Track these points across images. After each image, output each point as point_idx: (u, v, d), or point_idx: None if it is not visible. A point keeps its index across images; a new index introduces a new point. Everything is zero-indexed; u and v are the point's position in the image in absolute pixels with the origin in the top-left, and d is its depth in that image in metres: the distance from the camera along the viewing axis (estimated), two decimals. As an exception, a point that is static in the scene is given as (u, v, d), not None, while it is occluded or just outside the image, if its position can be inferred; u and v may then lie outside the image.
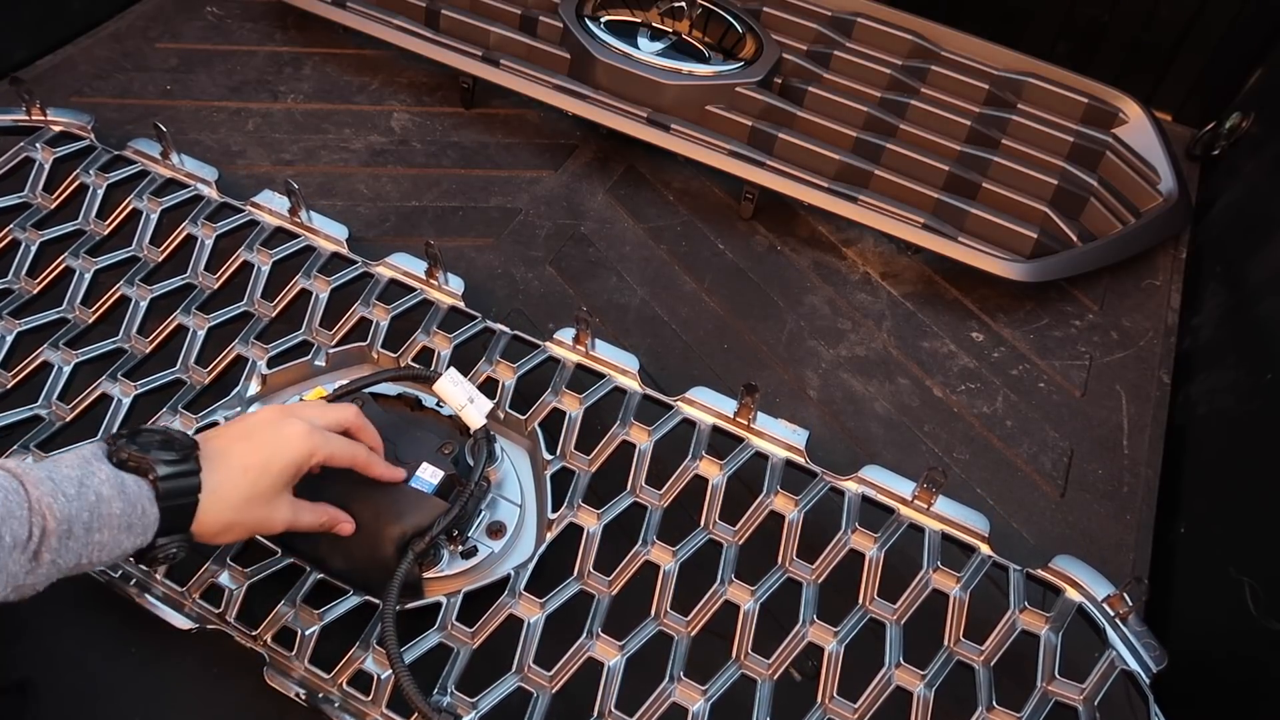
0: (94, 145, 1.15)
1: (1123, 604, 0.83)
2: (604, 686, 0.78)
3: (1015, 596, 0.83)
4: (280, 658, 0.78)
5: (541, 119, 1.36)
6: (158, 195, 1.10)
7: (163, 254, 1.06)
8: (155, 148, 1.15)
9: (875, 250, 1.24)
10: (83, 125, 1.18)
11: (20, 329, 0.98)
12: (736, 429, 0.94)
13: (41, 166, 1.12)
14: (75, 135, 1.16)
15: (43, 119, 1.18)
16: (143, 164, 1.14)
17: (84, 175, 1.11)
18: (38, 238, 1.06)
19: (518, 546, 0.87)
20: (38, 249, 1.05)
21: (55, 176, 1.12)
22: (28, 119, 1.17)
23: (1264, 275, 1.08)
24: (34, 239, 1.06)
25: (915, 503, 0.89)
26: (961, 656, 0.81)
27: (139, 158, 1.15)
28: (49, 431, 0.91)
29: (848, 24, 1.38)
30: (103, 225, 1.08)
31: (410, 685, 0.72)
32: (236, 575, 0.81)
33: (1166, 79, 1.43)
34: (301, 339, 0.99)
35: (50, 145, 1.14)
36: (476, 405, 0.87)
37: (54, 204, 1.10)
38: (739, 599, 0.83)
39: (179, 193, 1.10)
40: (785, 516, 0.88)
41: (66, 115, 1.19)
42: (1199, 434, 1.05)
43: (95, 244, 1.07)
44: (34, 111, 1.17)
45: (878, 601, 0.83)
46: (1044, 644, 0.81)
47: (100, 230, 1.08)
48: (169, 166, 1.14)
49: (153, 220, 1.08)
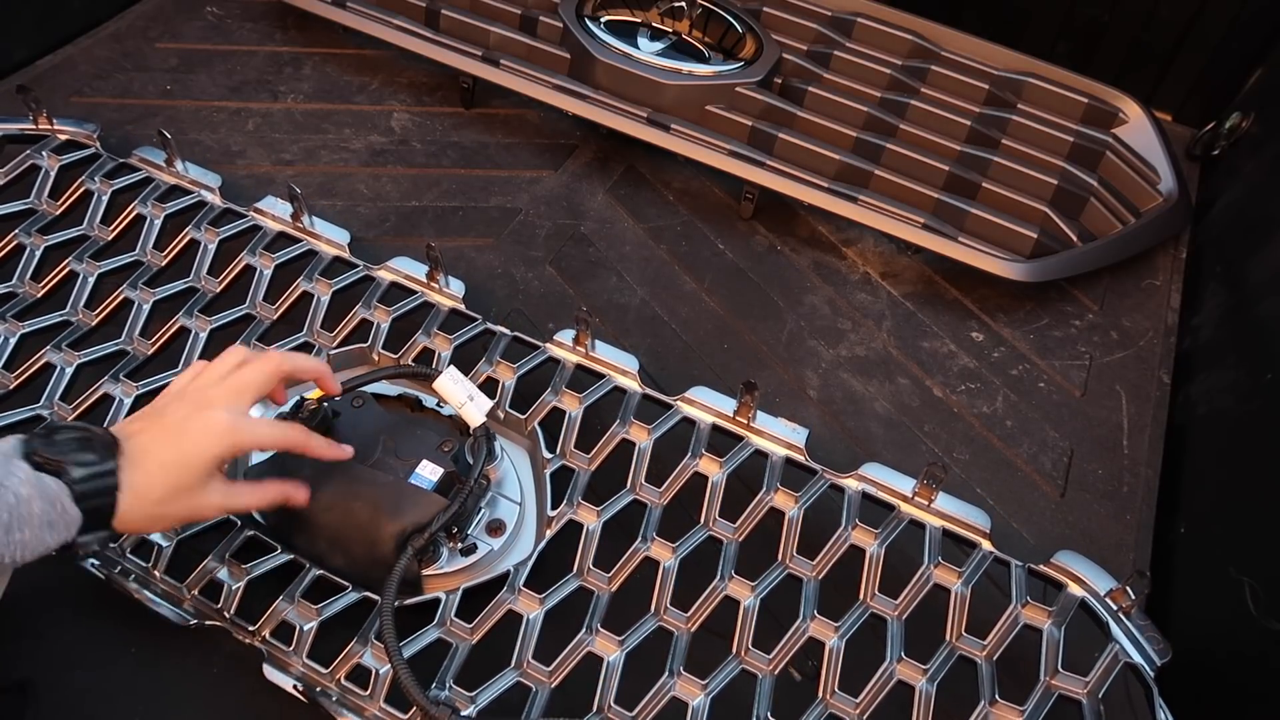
0: (99, 153, 1.16)
1: (1125, 598, 0.82)
2: (604, 681, 0.78)
3: (1017, 591, 0.83)
4: (279, 653, 0.78)
5: (541, 119, 1.37)
6: (161, 201, 1.10)
7: (166, 258, 1.06)
8: (159, 155, 1.16)
9: (875, 250, 1.24)
10: (88, 134, 1.19)
11: (24, 331, 0.98)
12: (736, 428, 0.94)
13: (47, 173, 1.13)
14: (81, 144, 1.17)
15: (49, 128, 1.18)
16: (147, 171, 1.14)
17: (89, 182, 1.12)
18: (42, 243, 1.07)
19: (517, 544, 0.88)
20: (42, 253, 1.06)
21: (61, 183, 1.13)
22: (34, 128, 1.18)
23: (1264, 275, 1.08)
24: (39, 244, 1.06)
25: (916, 499, 0.89)
26: (964, 651, 0.81)
27: (144, 165, 1.15)
28: None
29: (848, 24, 1.38)
30: (107, 230, 1.09)
31: (409, 679, 0.72)
32: (236, 571, 0.81)
33: (1166, 79, 1.44)
34: (303, 340, 1.00)
35: (56, 153, 1.15)
36: (476, 403, 0.87)
37: (59, 210, 1.11)
38: (739, 595, 0.83)
39: (183, 199, 1.11)
40: (785, 513, 0.88)
41: (72, 125, 1.20)
42: (1199, 434, 1.05)
43: (99, 249, 1.07)
44: (40, 120, 1.18)
45: (879, 597, 0.83)
46: (1047, 638, 0.81)
47: (104, 235, 1.09)
48: (173, 173, 1.15)
49: (156, 225, 1.08)
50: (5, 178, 1.12)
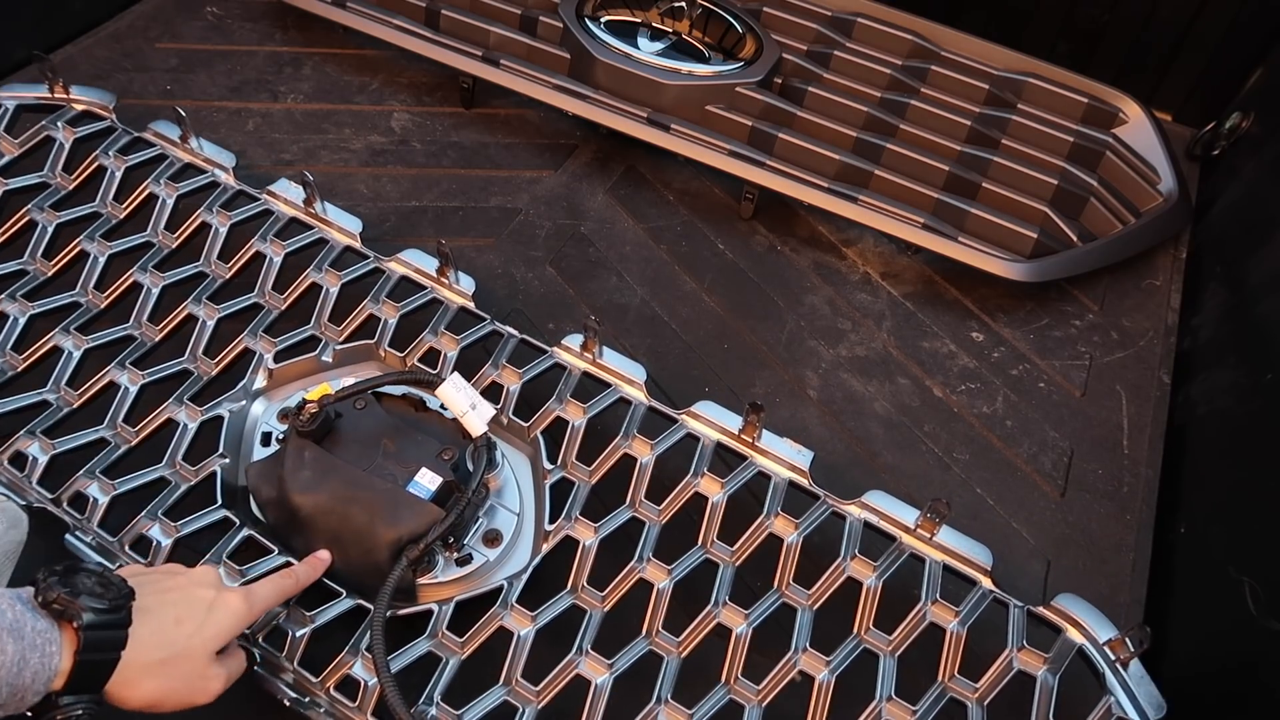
0: (114, 125, 1.16)
1: (1124, 649, 0.80)
2: (590, 704, 0.77)
3: (1014, 634, 0.81)
4: (271, 658, 0.78)
5: (541, 119, 1.36)
6: (175, 180, 1.10)
7: (177, 240, 1.06)
8: (175, 130, 1.15)
9: (875, 250, 1.24)
10: (104, 105, 1.18)
11: (33, 311, 0.99)
12: (741, 446, 0.92)
13: (62, 146, 1.13)
14: (96, 115, 1.17)
15: (65, 97, 1.18)
16: (162, 147, 1.14)
17: (103, 157, 1.12)
18: (55, 219, 1.06)
19: (513, 556, 0.87)
20: (54, 230, 1.06)
21: (75, 157, 1.13)
22: (50, 97, 1.18)
23: (1264, 275, 1.08)
24: (51, 220, 1.06)
25: (918, 532, 0.87)
26: (955, 693, 0.79)
27: (159, 140, 1.15)
28: (56, 417, 0.91)
29: (848, 24, 1.38)
30: (119, 208, 1.09)
31: (394, 695, 0.72)
32: (233, 574, 0.81)
33: (1166, 79, 1.43)
34: (309, 334, 0.99)
35: (71, 125, 1.14)
36: (479, 412, 0.86)
37: (72, 185, 1.11)
38: (732, 622, 0.82)
39: (196, 178, 1.11)
40: (785, 540, 0.86)
41: (89, 94, 1.19)
42: (1199, 434, 1.05)
43: (111, 227, 1.07)
44: (57, 89, 1.17)
45: (873, 632, 0.82)
46: (1040, 685, 0.79)
47: (117, 213, 1.09)
48: (187, 150, 1.14)
49: (169, 205, 1.08)
50: (20, 149, 1.12)
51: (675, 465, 0.90)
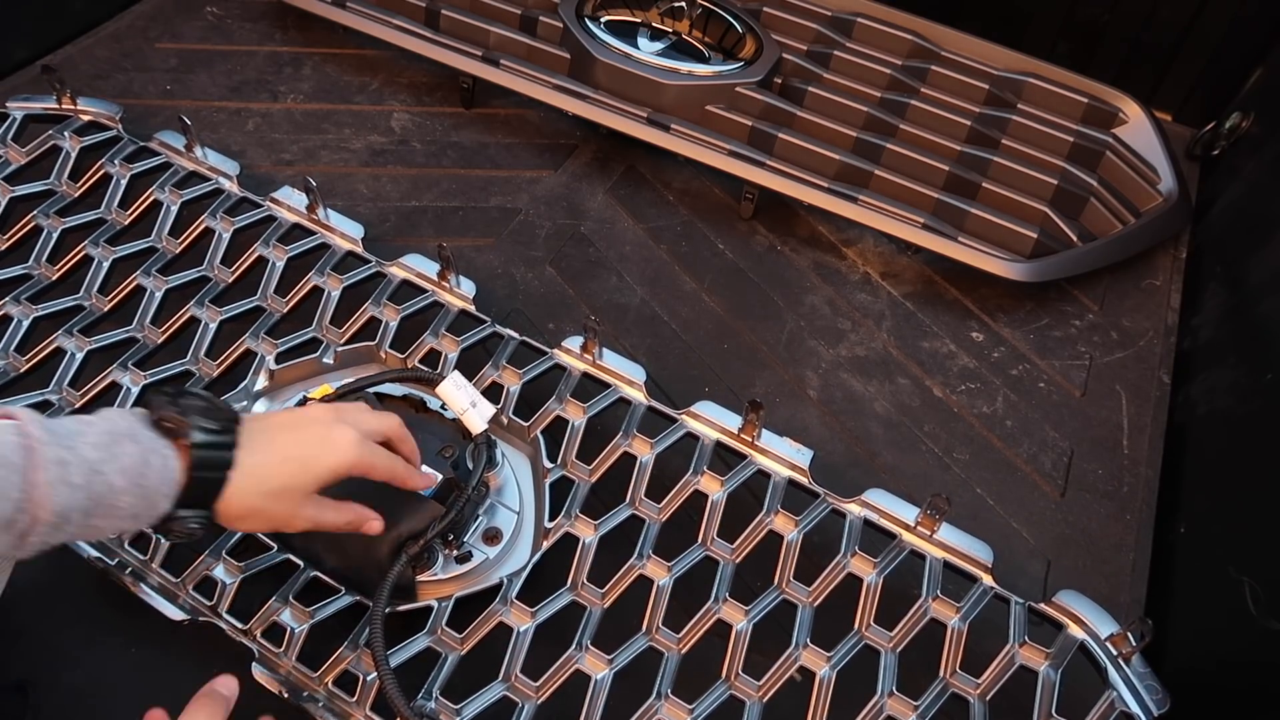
0: (120, 135, 1.17)
1: (1126, 643, 0.80)
2: (590, 700, 0.77)
3: (1015, 630, 0.81)
4: (269, 653, 0.78)
5: (541, 119, 1.36)
6: (179, 187, 1.11)
7: (180, 246, 1.07)
8: (180, 140, 1.16)
9: (875, 250, 1.24)
10: (111, 115, 1.19)
11: (36, 314, 0.99)
12: (740, 445, 0.92)
13: (68, 155, 1.14)
14: (103, 125, 1.18)
15: (73, 108, 1.19)
16: (167, 156, 1.15)
17: (109, 165, 1.13)
18: (60, 225, 1.07)
19: (513, 554, 0.87)
20: (59, 236, 1.06)
21: (81, 165, 1.13)
22: (58, 107, 1.19)
23: (1264, 275, 1.08)
24: (56, 226, 1.07)
25: (918, 529, 0.87)
26: (957, 689, 0.79)
27: (164, 149, 1.16)
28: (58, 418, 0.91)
29: (848, 24, 1.38)
30: (124, 215, 1.10)
31: (394, 688, 0.72)
32: (231, 569, 0.81)
33: (1166, 79, 1.43)
34: (311, 336, 1.00)
35: (78, 134, 1.15)
36: (479, 410, 0.86)
37: (78, 192, 1.11)
38: (732, 618, 0.82)
39: (200, 186, 1.12)
40: (785, 537, 0.86)
41: (95, 105, 1.20)
42: (1199, 434, 1.05)
43: (115, 233, 1.08)
44: (64, 100, 1.19)
45: (873, 628, 0.82)
46: (1042, 680, 0.79)
47: (121, 220, 1.09)
48: (192, 159, 1.15)
49: (173, 212, 1.09)
50: (27, 157, 1.13)
51: (675, 464, 0.90)
